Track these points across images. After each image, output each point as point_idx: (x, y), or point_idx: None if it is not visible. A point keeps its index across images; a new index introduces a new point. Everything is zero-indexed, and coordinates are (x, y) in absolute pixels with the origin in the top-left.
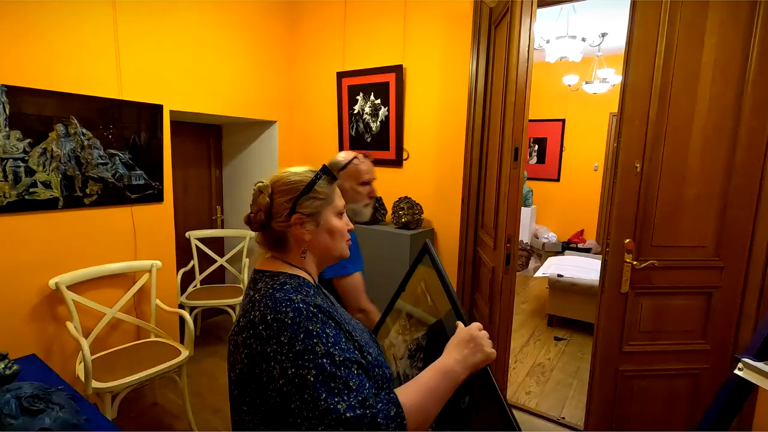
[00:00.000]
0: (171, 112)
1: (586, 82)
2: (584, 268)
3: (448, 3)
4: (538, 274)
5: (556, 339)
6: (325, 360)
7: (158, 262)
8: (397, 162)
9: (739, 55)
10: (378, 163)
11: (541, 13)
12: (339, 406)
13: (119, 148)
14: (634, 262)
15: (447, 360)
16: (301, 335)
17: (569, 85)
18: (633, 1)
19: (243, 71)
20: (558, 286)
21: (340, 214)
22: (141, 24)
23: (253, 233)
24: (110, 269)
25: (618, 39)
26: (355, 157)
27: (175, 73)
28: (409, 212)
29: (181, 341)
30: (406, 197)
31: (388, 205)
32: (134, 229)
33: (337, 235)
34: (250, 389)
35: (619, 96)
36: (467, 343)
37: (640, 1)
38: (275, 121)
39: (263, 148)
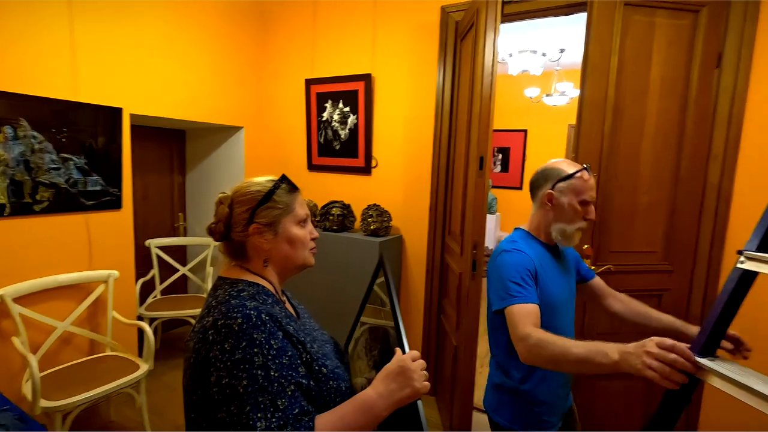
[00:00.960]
0: (131, 115)
1: (547, 95)
2: None
3: (416, 15)
4: None
5: None
6: (260, 372)
7: (115, 272)
8: (366, 170)
9: (682, 74)
10: (347, 170)
11: (504, 27)
12: (258, 424)
13: (74, 153)
14: (593, 267)
15: (371, 394)
16: (244, 343)
17: (531, 97)
18: (588, 20)
19: (208, 75)
20: None
21: (302, 223)
22: (100, 24)
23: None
24: (62, 280)
25: (575, 54)
26: (584, 169)
27: (137, 75)
28: (378, 219)
29: (140, 355)
30: (374, 205)
31: (357, 213)
32: (89, 237)
33: (298, 244)
34: (196, 396)
35: (577, 109)
36: (396, 376)
37: (594, 21)
38: (242, 127)
39: (229, 154)
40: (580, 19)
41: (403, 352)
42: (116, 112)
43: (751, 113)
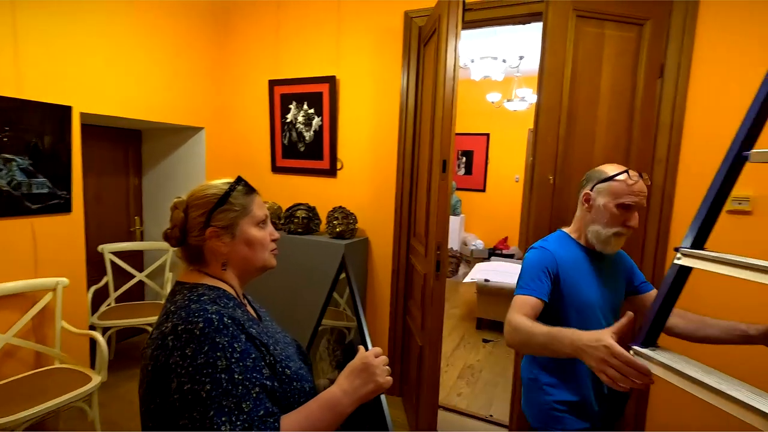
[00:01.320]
0: (82, 114)
1: (507, 100)
2: (509, 273)
3: (380, 19)
4: (467, 279)
5: (485, 341)
6: (223, 375)
7: (64, 280)
8: (332, 172)
9: (629, 83)
10: (312, 172)
11: (466, 33)
12: (223, 428)
13: (17, 153)
14: None
15: (335, 391)
16: (206, 347)
17: (492, 102)
18: (544, 30)
19: (166, 74)
20: (485, 291)
21: (260, 224)
22: (47, 17)
23: None
24: (3, 289)
25: (534, 62)
26: (626, 172)
27: (88, 73)
28: (344, 222)
29: (93, 366)
30: (340, 207)
31: (323, 215)
32: (35, 243)
33: (257, 245)
34: (154, 404)
35: (534, 115)
36: (360, 372)
37: (549, 31)
38: (202, 128)
39: (189, 156)
40: (537, 28)
41: (366, 349)
42: (65, 111)
43: (690, 120)
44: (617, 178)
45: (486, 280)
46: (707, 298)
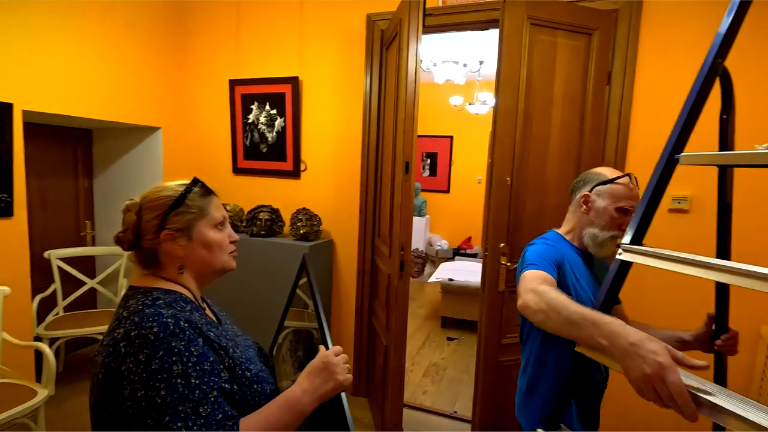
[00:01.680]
0: (24, 112)
1: (470, 104)
2: (472, 272)
3: (343, 21)
4: (432, 279)
5: (449, 339)
6: (179, 380)
7: (6, 288)
8: (295, 173)
9: (580, 89)
10: (275, 174)
11: (429, 38)
12: None
13: None
14: (508, 264)
15: (295, 391)
16: (161, 352)
17: (455, 105)
18: (500, 36)
19: (118, 71)
20: (449, 290)
21: (219, 226)
22: None
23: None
24: None
25: (494, 67)
26: (627, 176)
27: (32, 69)
28: (308, 224)
29: (39, 380)
30: (304, 209)
31: (286, 217)
32: None
33: (215, 248)
34: (106, 413)
35: (492, 118)
36: (320, 371)
37: (505, 38)
38: (159, 128)
39: (145, 156)
40: (496, 35)
41: (327, 348)
42: (5, 108)
43: (635, 124)
44: (619, 181)
45: (450, 280)
46: (652, 294)
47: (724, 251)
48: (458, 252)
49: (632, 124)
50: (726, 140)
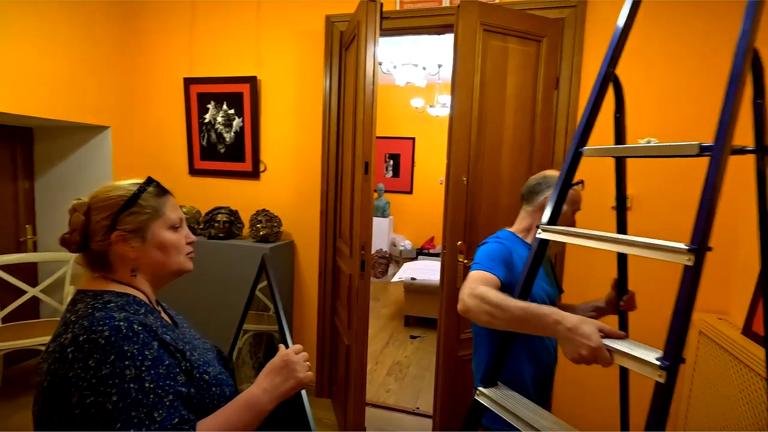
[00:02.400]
0: None
1: (430, 106)
2: (434, 271)
3: (301, 22)
4: (395, 279)
5: (412, 337)
6: (132, 385)
7: None
8: (254, 174)
9: (530, 93)
10: (233, 175)
11: (389, 40)
12: None
13: None
14: (465, 261)
15: (255, 390)
16: (112, 357)
17: (416, 108)
18: (455, 41)
19: (62, 67)
20: (412, 289)
21: (174, 228)
22: None
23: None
24: None
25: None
26: (580, 183)
27: None
28: (268, 225)
29: None
30: (264, 210)
31: (245, 219)
32: None
33: (171, 249)
34: (52, 423)
35: (449, 120)
36: (280, 370)
37: (460, 42)
38: (108, 127)
39: (93, 157)
40: (451, 39)
41: (287, 347)
42: None
43: None
44: (576, 187)
45: (413, 279)
46: (598, 277)
47: (622, 228)
48: (421, 252)
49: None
50: (620, 136)
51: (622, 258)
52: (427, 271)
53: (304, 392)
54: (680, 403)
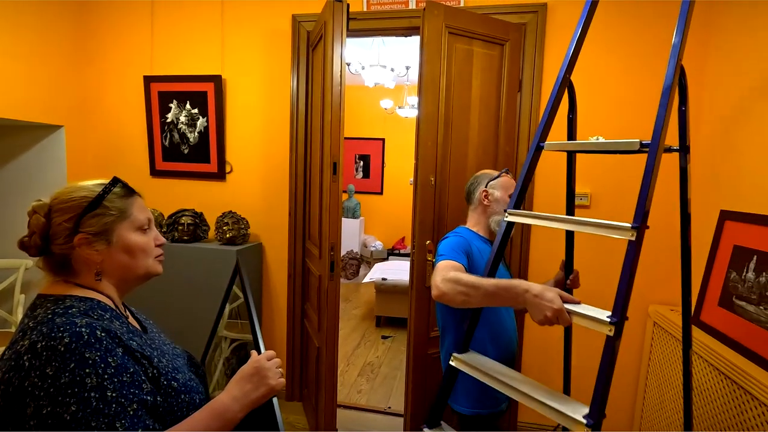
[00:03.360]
0: None
1: (399, 107)
2: (405, 271)
3: (267, 21)
4: (366, 279)
5: (384, 337)
6: (93, 394)
7: None
8: (220, 175)
9: (495, 95)
10: (198, 176)
11: (356, 41)
12: None
13: None
14: (434, 260)
15: (224, 398)
16: (72, 365)
17: (386, 109)
18: (421, 43)
19: (9, 62)
20: (383, 289)
21: (142, 229)
22: None
23: (30, 261)
24: None
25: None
26: (506, 171)
27: None
28: (235, 227)
29: None
30: (230, 212)
31: (211, 221)
32: None
33: (138, 252)
34: None
35: (416, 121)
36: (251, 377)
37: (426, 44)
38: (61, 126)
39: (44, 158)
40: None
41: (259, 353)
42: None
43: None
44: (504, 175)
45: (384, 279)
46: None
47: (571, 212)
48: (393, 252)
49: None
50: (572, 134)
51: (569, 243)
52: (398, 271)
53: (275, 399)
54: (637, 395)
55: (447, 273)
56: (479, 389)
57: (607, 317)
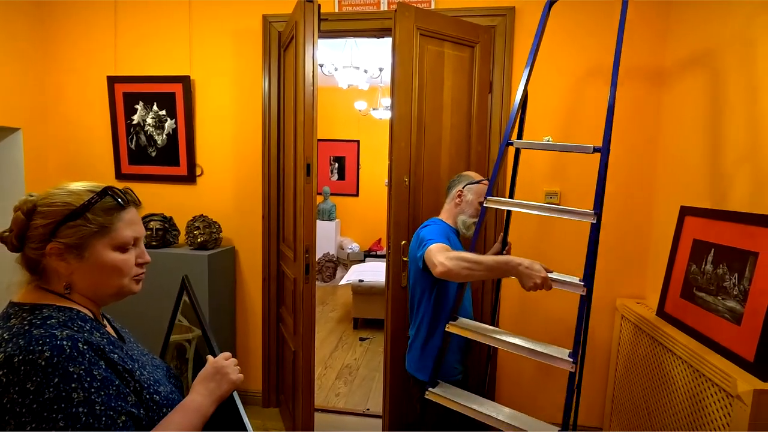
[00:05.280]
0: None
1: (373, 109)
2: (381, 272)
3: (237, 21)
4: (343, 281)
5: (361, 339)
6: (81, 409)
7: None
8: (190, 178)
9: (466, 96)
10: (166, 179)
11: (329, 42)
12: None
13: None
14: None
15: (194, 397)
16: (56, 380)
17: (360, 110)
18: (393, 45)
19: None
20: (360, 291)
21: (122, 248)
22: None
23: None
24: None
25: None
26: (486, 180)
27: None
28: (206, 231)
29: None
30: (201, 216)
31: (181, 226)
32: None
33: (112, 273)
34: None
35: (389, 122)
36: (212, 376)
37: (398, 46)
38: (18, 129)
39: (0, 161)
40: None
41: (214, 356)
42: None
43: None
44: (482, 183)
45: (360, 281)
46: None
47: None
48: (369, 254)
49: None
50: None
51: (507, 222)
52: (375, 272)
53: (235, 393)
54: (607, 389)
55: (448, 253)
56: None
57: (580, 280)
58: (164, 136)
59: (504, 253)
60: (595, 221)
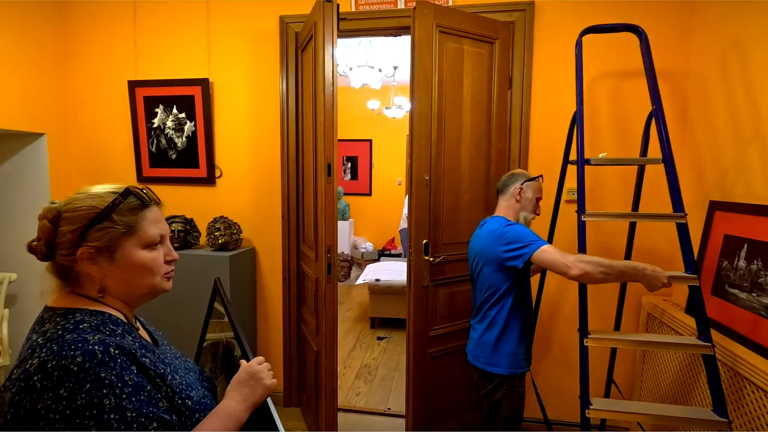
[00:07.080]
0: None
1: (386, 108)
2: (397, 271)
3: (254, 23)
4: (359, 281)
5: (379, 339)
6: (113, 416)
7: None
8: (210, 180)
9: (486, 93)
10: (187, 181)
11: (343, 42)
12: None
13: None
14: (431, 259)
15: (228, 403)
16: (88, 386)
17: (373, 110)
18: (412, 42)
19: None
20: (377, 290)
21: (150, 246)
22: None
23: (14, 274)
24: None
25: (407, 72)
26: (541, 177)
27: None
28: (227, 232)
29: None
30: (222, 217)
31: (202, 227)
32: None
33: (143, 271)
34: None
35: (409, 121)
36: (246, 381)
37: (417, 43)
38: (43, 134)
39: (25, 166)
40: (408, 41)
41: (248, 361)
42: None
43: (534, 124)
44: (539, 179)
45: (377, 280)
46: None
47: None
48: (383, 253)
49: (531, 124)
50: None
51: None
52: (391, 271)
53: (269, 398)
54: (634, 378)
55: (580, 256)
56: (515, 354)
57: (689, 273)
58: (184, 138)
59: None
60: (685, 221)
